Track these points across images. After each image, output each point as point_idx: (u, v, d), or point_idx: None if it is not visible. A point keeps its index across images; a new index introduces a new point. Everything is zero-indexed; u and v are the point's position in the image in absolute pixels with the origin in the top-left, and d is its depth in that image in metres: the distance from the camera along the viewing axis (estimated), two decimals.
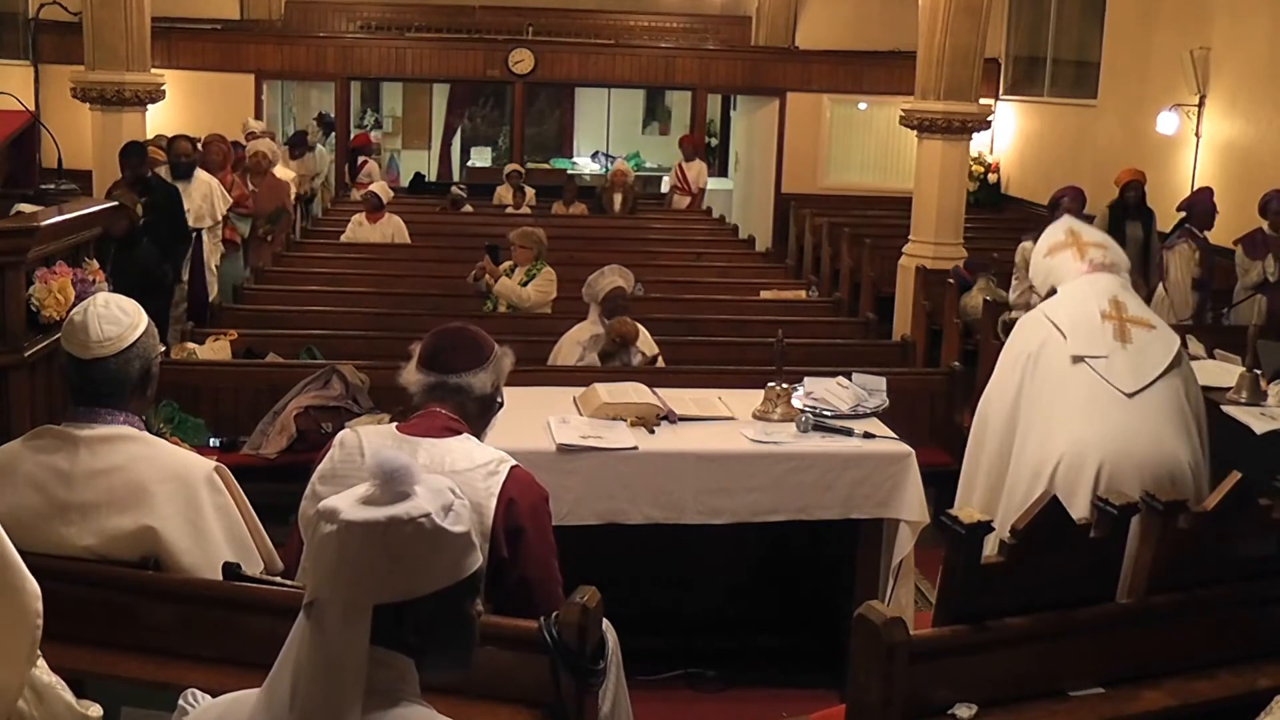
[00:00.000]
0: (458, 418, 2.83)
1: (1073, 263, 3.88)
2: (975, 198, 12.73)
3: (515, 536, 2.70)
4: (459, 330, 2.95)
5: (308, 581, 1.66)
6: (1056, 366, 3.65)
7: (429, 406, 2.84)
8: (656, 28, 15.94)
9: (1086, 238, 3.96)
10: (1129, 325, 3.68)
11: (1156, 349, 3.64)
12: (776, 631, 4.79)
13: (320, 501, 1.70)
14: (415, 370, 2.87)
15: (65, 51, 11.69)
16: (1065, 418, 3.55)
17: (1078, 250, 3.90)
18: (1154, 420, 3.52)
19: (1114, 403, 3.54)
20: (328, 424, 5.51)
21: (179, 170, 8.17)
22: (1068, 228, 4.02)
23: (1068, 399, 3.59)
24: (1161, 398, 3.57)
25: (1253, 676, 2.69)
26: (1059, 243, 3.97)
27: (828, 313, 8.43)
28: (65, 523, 2.64)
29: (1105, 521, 2.68)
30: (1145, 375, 3.58)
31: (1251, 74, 9.40)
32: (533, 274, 7.38)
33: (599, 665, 2.51)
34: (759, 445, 4.33)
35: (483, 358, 2.88)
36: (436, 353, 2.87)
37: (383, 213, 10.10)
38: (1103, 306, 3.71)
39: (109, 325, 2.69)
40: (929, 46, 9.10)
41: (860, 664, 2.41)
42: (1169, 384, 3.60)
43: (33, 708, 1.96)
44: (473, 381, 2.85)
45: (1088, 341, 3.63)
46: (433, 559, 1.64)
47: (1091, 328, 3.66)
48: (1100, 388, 3.57)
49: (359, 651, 1.59)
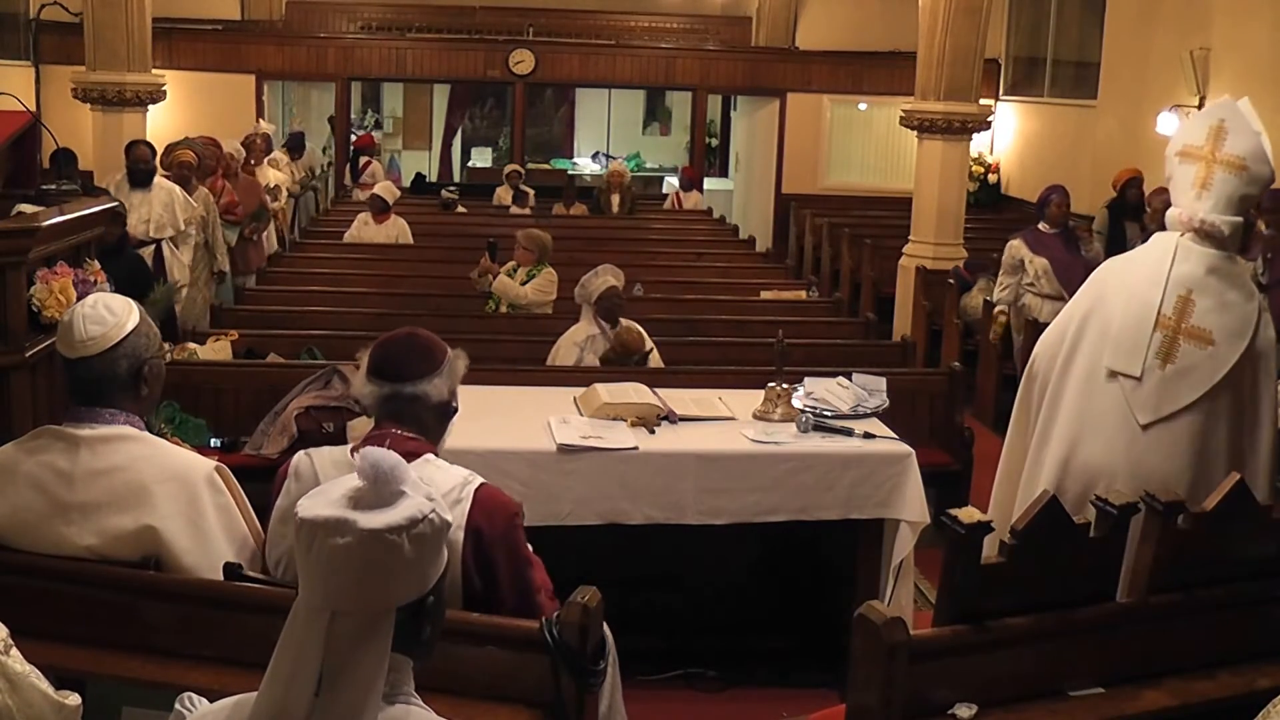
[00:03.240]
0: (415, 435, 2.70)
1: (1187, 192, 3.43)
2: (975, 198, 12.73)
3: (487, 570, 2.62)
4: (409, 336, 2.80)
5: (315, 594, 1.59)
6: (1091, 360, 3.46)
7: (383, 425, 2.71)
8: (657, 28, 15.94)
9: (1219, 172, 3.39)
10: (1181, 340, 3.37)
11: (1198, 374, 3.34)
12: (776, 631, 4.79)
13: (306, 516, 1.61)
14: (366, 381, 2.74)
15: (66, 52, 11.69)
16: (1086, 431, 3.42)
17: (1200, 181, 3.41)
18: (1160, 462, 3.32)
19: (1128, 432, 3.37)
20: (329, 424, 5.51)
21: (136, 177, 7.58)
22: (1218, 124, 3.41)
23: (1093, 407, 3.43)
24: (1177, 433, 3.34)
25: (1253, 676, 2.69)
26: (1194, 149, 3.45)
27: (828, 313, 8.43)
28: (66, 523, 2.64)
29: (1105, 521, 2.68)
30: (1167, 406, 3.34)
31: (1252, 75, 9.39)
32: (533, 274, 7.39)
33: (599, 665, 2.51)
34: (759, 445, 4.33)
35: (436, 363, 2.75)
36: (387, 361, 2.73)
37: (389, 214, 10.11)
38: (1166, 309, 3.38)
39: (93, 325, 2.68)
40: (929, 47, 9.10)
41: (860, 664, 2.40)
42: (1192, 418, 3.33)
43: (7, 696, 1.97)
44: (428, 390, 2.72)
45: (1128, 355, 3.39)
46: (440, 549, 1.66)
47: (1139, 337, 3.39)
48: (1121, 411, 3.38)
49: (382, 656, 1.58)
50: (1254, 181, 3.40)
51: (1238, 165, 3.38)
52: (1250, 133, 3.40)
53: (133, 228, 7.42)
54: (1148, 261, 3.50)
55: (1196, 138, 3.45)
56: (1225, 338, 3.34)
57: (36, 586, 2.60)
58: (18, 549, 2.66)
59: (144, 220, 7.54)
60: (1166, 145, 3.59)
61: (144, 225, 7.53)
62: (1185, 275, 3.40)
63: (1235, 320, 3.37)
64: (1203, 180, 3.41)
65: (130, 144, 7.89)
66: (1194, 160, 3.44)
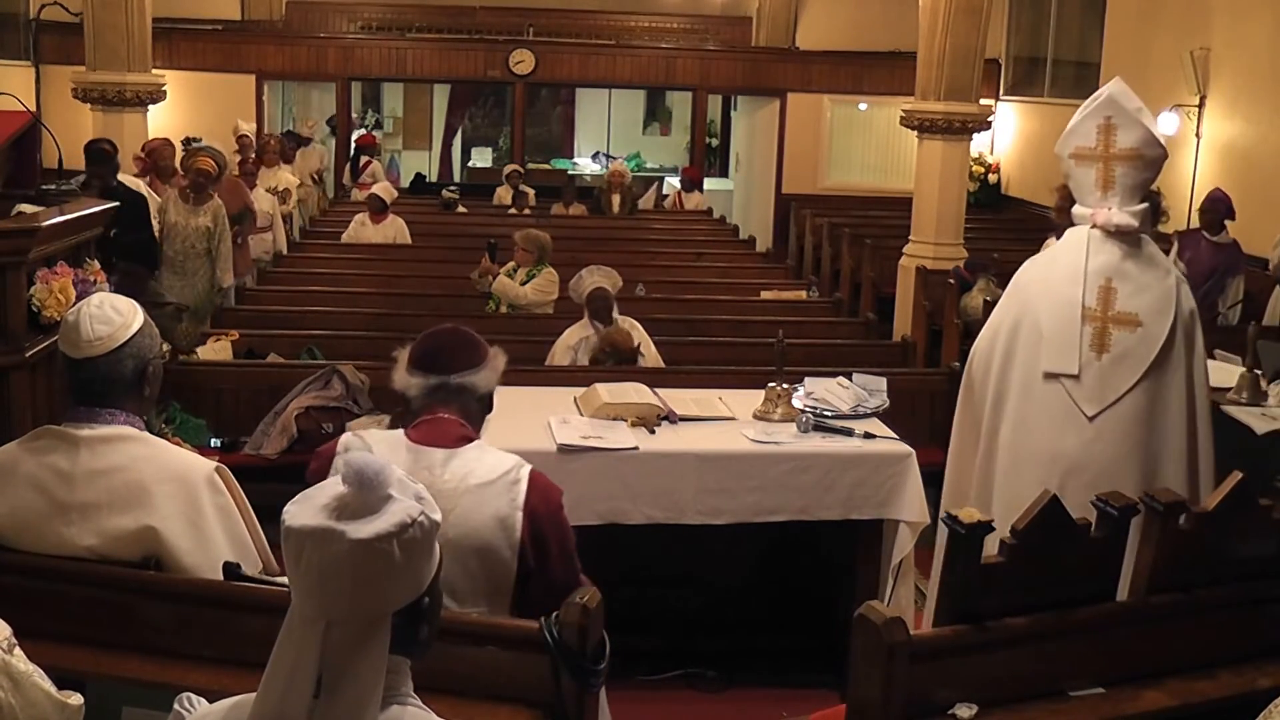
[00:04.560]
0: (464, 422, 2.79)
1: (1091, 193, 3.56)
2: (975, 198, 12.74)
3: (541, 547, 2.70)
4: (454, 330, 2.89)
5: (308, 604, 1.57)
6: (1027, 366, 3.60)
7: (433, 410, 2.79)
8: (657, 28, 15.95)
9: (1118, 167, 3.51)
10: (1110, 327, 3.53)
11: (1134, 357, 3.50)
12: (776, 631, 4.78)
13: (293, 524, 1.58)
14: (410, 374, 2.81)
15: (66, 52, 11.69)
16: (1033, 431, 3.57)
17: (1101, 181, 3.54)
18: (1108, 446, 3.48)
19: (1074, 426, 3.51)
20: (328, 424, 5.52)
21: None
22: (1105, 122, 3.52)
23: (1036, 408, 3.57)
24: (1123, 416, 3.49)
25: (1253, 676, 2.69)
26: (1087, 150, 3.57)
27: (828, 313, 8.44)
28: (66, 523, 2.64)
29: (1105, 521, 2.68)
30: (1111, 394, 3.50)
31: (1252, 75, 9.39)
32: (533, 275, 7.39)
33: (599, 665, 2.51)
34: (759, 445, 4.33)
35: (482, 356, 2.84)
36: (435, 354, 2.81)
37: (386, 214, 10.11)
38: (1089, 301, 3.53)
39: (100, 325, 2.68)
40: (929, 47, 9.10)
41: (860, 664, 2.41)
42: (1135, 399, 3.49)
43: (10, 695, 1.97)
44: (475, 381, 2.81)
45: (1062, 355, 3.53)
46: (432, 549, 1.65)
47: (1069, 335, 3.53)
48: (1065, 407, 3.52)
49: (380, 660, 1.57)
50: (1150, 165, 3.55)
51: (1133, 156, 3.52)
52: (1135, 123, 3.51)
53: None
54: (1064, 259, 3.63)
55: (1087, 139, 3.56)
56: (1151, 317, 3.49)
57: (36, 587, 2.60)
58: (18, 549, 2.66)
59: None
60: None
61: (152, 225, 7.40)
62: (1101, 266, 3.55)
63: (1157, 298, 3.52)
64: (1104, 180, 3.54)
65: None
66: (1090, 161, 3.56)
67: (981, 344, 3.81)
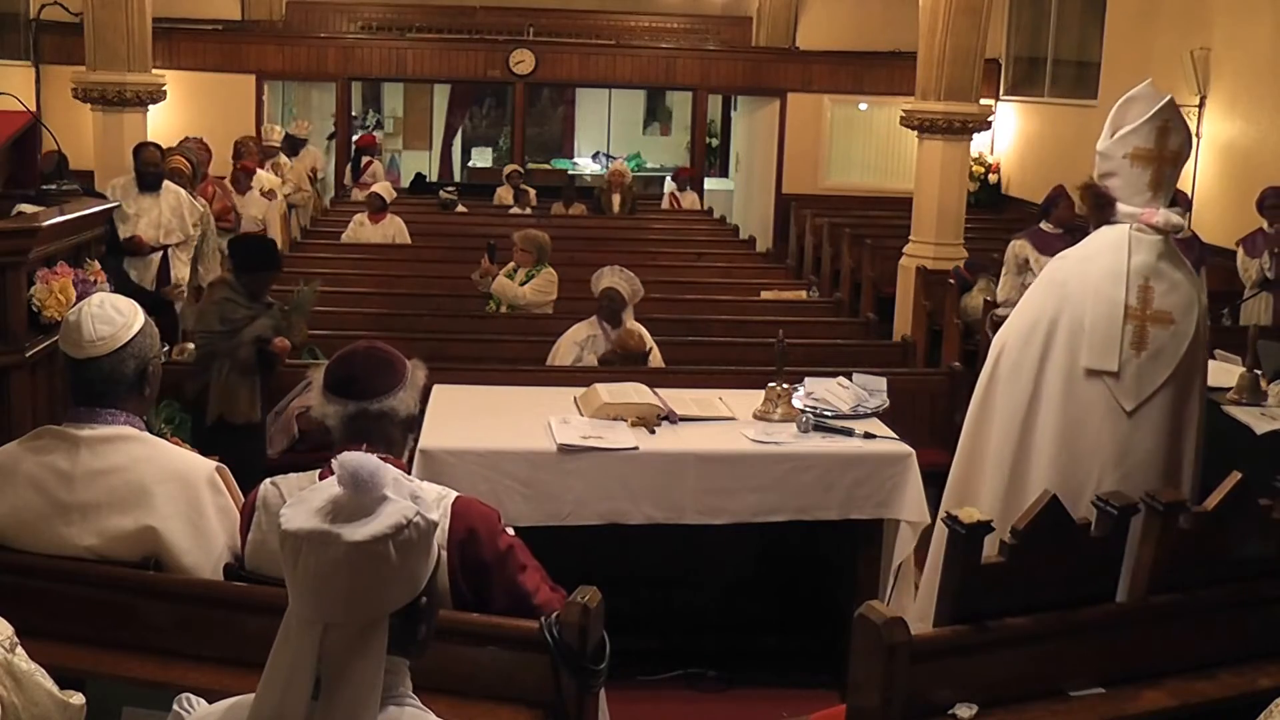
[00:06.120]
0: (384, 453, 2.48)
1: (1142, 193, 3.66)
2: (975, 198, 12.73)
3: (478, 574, 2.58)
4: (369, 351, 2.69)
5: (305, 606, 1.57)
6: (1067, 362, 3.66)
7: (349, 447, 2.46)
8: (657, 28, 15.93)
9: (1168, 169, 3.62)
10: (1149, 326, 3.63)
11: (1168, 353, 3.62)
12: (776, 631, 4.79)
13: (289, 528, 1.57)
14: (327, 400, 2.62)
15: (66, 52, 11.69)
16: (1074, 425, 3.62)
17: (1154, 182, 3.64)
18: (1145, 439, 3.59)
19: (1114, 419, 3.60)
20: None
21: (146, 181, 7.43)
22: (1161, 125, 3.61)
23: (1076, 403, 3.62)
24: (1157, 410, 3.60)
25: (1253, 676, 2.69)
26: (1146, 151, 3.64)
27: (828, 313, 8.43)
28: (66, 523, 2.64)
29: (1105, 521, 2.68)
30: (1147, 388, 3.60)
31: (1252, 74, 9.39)
32: (533, 275, 7.39)
33: (599, 665, 2.51)
34: (759, 445, 4.33)
35: (400, 376, 2.65)
36: (350, 380, 2.62)
37: (385, 213, 10.11)
38: (1131, 299, 3.63)
39: (102, 325, 2.68)
40: (929, 47, 9.10)
41: (860, 664, 2.41)
42: (1166, 393, 3.61)
43: (12, 694, 1.97)
44: (395, 405, 2.62)
45: (1105, 353, 3.61)
46: (430, 549, 1.64)
47: (1111, 331, 3.62)
48: (1106, 402, 3.60)
49: (378, 661, 1.57)
50: (1182, 165, 3.73)
51: (1180, 158, 3.68)
52: (1184, 125, 3.69)
53: (142, 232, 7.38)
54: (1101, 258, 3.70)
55: (1147, 140, 3.64)
56: (1182, 314, 3.64)
57: (36, 586, 2.60)
58: (18, 549, 2.66)
59: (154, 225, 7.44)
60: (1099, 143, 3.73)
61: (154, 231, 7.43)
62: (1141, 265, 3.66)
63: (1185, 296, 3.67)
64: (1156, 181, 3.65)
65: (139, 146, 7.80)
66: (1147, 162, 3.65)
67: (1013, 339, 3.82)
